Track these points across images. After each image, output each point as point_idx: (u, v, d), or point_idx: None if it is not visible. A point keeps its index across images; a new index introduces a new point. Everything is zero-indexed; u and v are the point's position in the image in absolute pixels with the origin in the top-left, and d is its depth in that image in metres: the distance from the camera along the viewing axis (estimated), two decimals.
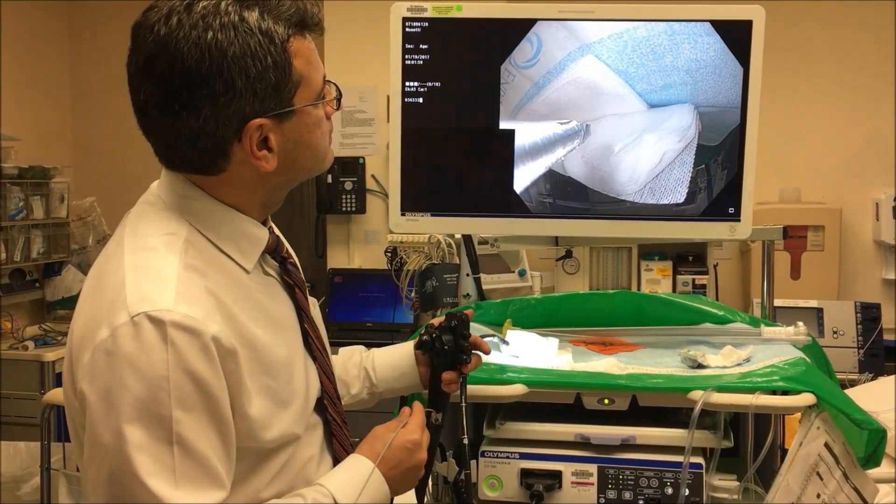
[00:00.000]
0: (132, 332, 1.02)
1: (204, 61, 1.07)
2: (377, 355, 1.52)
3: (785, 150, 3.94)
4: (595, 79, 1.75)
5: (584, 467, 1.56)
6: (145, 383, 1.01)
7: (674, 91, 1.76)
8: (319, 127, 1.19)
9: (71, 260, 4.37)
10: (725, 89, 1.76)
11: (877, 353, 3.42)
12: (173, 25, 1.08)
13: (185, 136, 1.10)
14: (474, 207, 1.84)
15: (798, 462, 1.44)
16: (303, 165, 1.20)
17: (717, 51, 1.75)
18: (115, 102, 4.69)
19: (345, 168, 4.12)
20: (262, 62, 1.09)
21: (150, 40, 1.09)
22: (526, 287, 3.14)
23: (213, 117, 1.09)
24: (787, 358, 1.62)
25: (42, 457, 2.82)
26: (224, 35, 1.07)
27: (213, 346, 1.04)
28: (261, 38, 1.09)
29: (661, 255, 3.46)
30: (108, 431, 1.01)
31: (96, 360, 1.03)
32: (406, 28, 1.80)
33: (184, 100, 1.08)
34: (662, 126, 1.76)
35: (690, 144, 1.76)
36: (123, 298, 1.04)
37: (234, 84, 1.08)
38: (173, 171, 1.17)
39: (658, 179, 1.78)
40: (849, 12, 3.93)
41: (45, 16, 4.58)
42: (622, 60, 1.75)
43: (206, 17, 1.08)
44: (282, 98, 1.13)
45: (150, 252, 1.10)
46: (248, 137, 1.12)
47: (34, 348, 3.92)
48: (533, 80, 1.78)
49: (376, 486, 1.21)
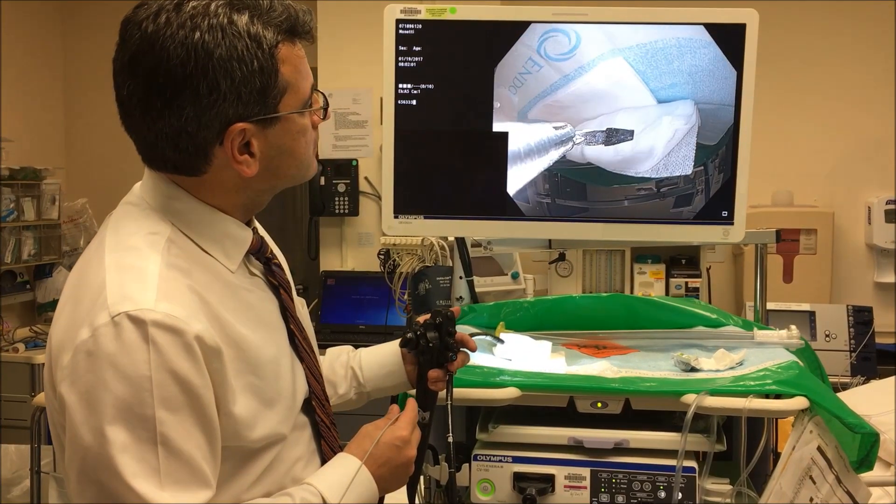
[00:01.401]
0: (113, 333, 1.01)
1: (189, 61, 1.06)
2: (364, 355, 1.50)
3: (778, 153, 3.95)
4: (620, 77, 1.81)
5: (577, 471, 1.56)
6: (127, 383, 1.00)
7: (678, 89, 1.80)
8: (304, 135, 1.19)
9: (62, 262, 4.34)
10: (720, 88, 1.78)
11: (869, 356, 3.42)
12: (161, 23, 1.07)
13: (167, 135, 1.10)
14: (468, 210, 1.84)
15: (791, 466, 1.44)
16: (286, 173, 1.19)
17: (713, 55, 1.76)
18: (107, 104, 4.62)
19: (338, 170, 4.11)
20: (248, 66, 1.09)
21: (138, 37, 1.08)
22: (519, 290, 3.13)
23: (195, 118, 1.08)
24: (780, 361, 1.62)
25: (32, 460, 2.80)
26: (211, 36, 1.07)
27: (196, 344, 1.03)
28: (248, 41, 1.09)
29: (654, 258, 3.46)
30: (90, 432, 1.00)
31: (77, 362, 1.02)
32: (399, 30, 1.80)
33: (167, 98, 1.08)
34: (672, 113, 1.82)
35: (693, 128, 1.80)
36: (104, 298, 1.03)
37: (218, 86, 1.07)
38: (155, 170, 1.16)
39: (671, 155, 1.81)
40: (842, 17, 3.95)
41: (37, 17, 4.57)
42: (643, 63, 1.80)
43: (194, 18, 1.07)
44: (266, 104, 1.12)
45: (132, 251, 1.09)
46: (230, 141, 1.11)
47: (24, 350, 3.90)
48: (563, 73, 1.81)
49: (365, 483, 1.20)
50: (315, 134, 1.22)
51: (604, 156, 1.83)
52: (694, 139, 1.80)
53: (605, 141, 1.80)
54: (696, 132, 1.80)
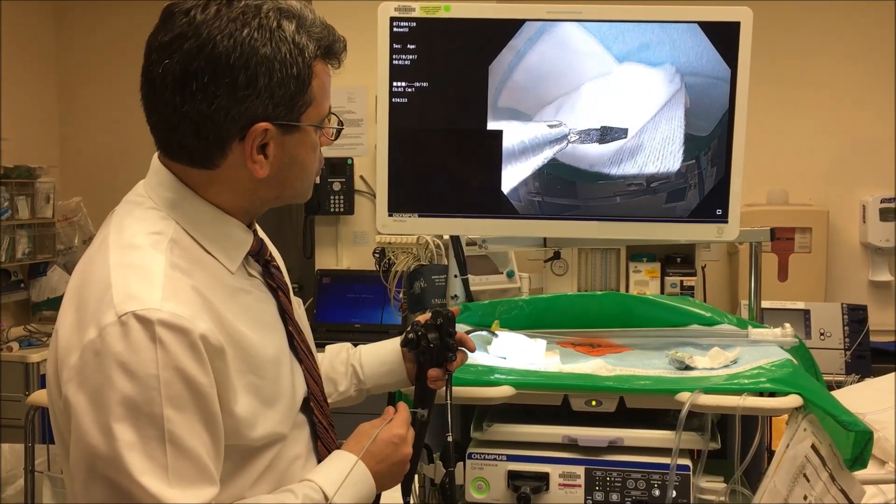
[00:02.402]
0: (120, 332, 1.02)
1: (234, 51, 1.09)
2: (364, 352, 1.53)
3: (772, 152, 3.95)
4: (576, 45, 1.78)
5: (571, 469, 1.56)
6: (135, 382, 1.01)
7: (651, 52, 1.77)
8: (314, 151, 1.22)
9: (56, 260, 4.34)
10: (709, 63, 1.76)
11: (863, 354, 3.43)
12: (211, 14, 1.10)
13: (192, 121, 1.11)
14: (462, 208, 1.84)
15: (785, 464, 1.44)
16: (291, 184, 1.22)
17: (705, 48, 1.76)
18: (102, 102, 4.67)
19: (333, 169, 4.11)
20: (288, 70, 1.12)
21: (184, 22, 1.10)
22: (514, 288, 3.13)
23: (225, 108, 1.10)
24: (775, 360, 1.63)
25: (26, 459, 2.80)
26: (260, 35, 1.10)
27: (201, 344, 1.04)
28: (292, 47, 1.13)
29: (649, 256, 3.47)
30: (99, 431, 1.01)
31: (85, 361, 1.03)
32: (394, 28, 1.79)
33: (203, 83, 1.09)
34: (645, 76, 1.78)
35: (679, 93, 1.77)
36: (110, 298, 1.04)
37: (256, 81, 1.10)
38: (169, 158, 1.17)
39: (659, 149, 1.79)
40: (837, 15, 3.95)
41: (31, 15, 4.55)
42: (603, 28, 1.77)
43: (245, 14, 1.11)
44: (293, 111, 1.15)
45: (136, 250, 1.10)
46: (252, 138, 1.13)
47: (19, 349, 3.89)
48: (515, 49, 1.78)
49: (363, 479, 1.21)
50: (321, 154, 1.25)
51: (590, 153, 1.81)
52: (682, 129, 1.77)
53: (599, 139, 1.80)
54: (682, 104, 1.76)
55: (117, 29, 4.45)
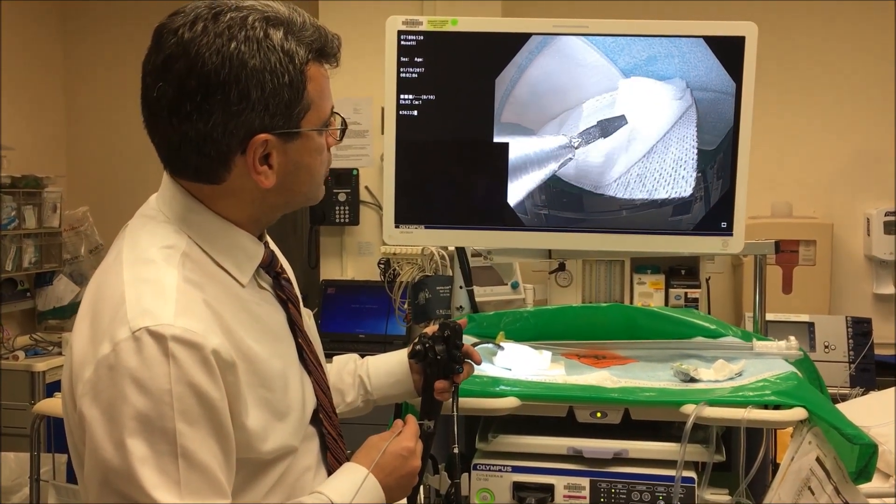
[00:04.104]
0: (134, 347, 1.02)
1: (223, 68, 1.09)
2: (372, 363, 1.53)
3: (777, 164, 3.96)
4: (580, 58, 1.79)
5: (576, 481, 1.56)
6: (148, 397, 1.01)
7: (659, 65, 1.78)
8: (320, 154, 1.22)
9: (63, 270, 4.34)
10: (716, 78, 1.77)
11: (868, 367, 3.42)
12: (198, 31, 1.10)
13: (191, 139, 1.11)
14: (468, 220, 1.85)
15: (790, 476, 1.44)
16: (300, 189, 1.22)
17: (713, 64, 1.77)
18: (108, 113, 4.69)
19: (338, 179, 4.12)
20: (280, 79, 1.12)
21: (173, 42, 1.10)
22: (519, 299, 3.14)
23: (222, 124, 1.10)
24: (779, 372, 1.63)
25: (32, 467, 2.81)
26: (247, 47, 1.10)
27: (213, 358, 1.05)
28: (281, 55, 1.12)
29: (653, 268, 3.47)
30: (112, 445, 1.01)
31: (99, 376, 1.03)
32: (401, 41, 1.81)
33: (197, 102, 1.09)
34: (654, 91, 1.78)
35: (691, 109, 1.77)
36: (124, 313, 1.05)
37: (248, 95, 1.10)
38: (176, 176, 1.18)
39: (666, 139, 1.79)
40: (840, 28, 3.96)
41: (38, 25, 4.58)
42: (607, 42, 1.78)
43: (231, 28, 1.10)
44: (291, 118, 1.15)
45: (149, 265, 1.11)
46: (252, 151, 1.13)
47: (24, 358, 3.89)
48: (517, 64, 1.79)
49: (372, 491, 1.22)
50: (329, 156, 1.25)
51: (591, 174, 1.81)
52: (695, 150, 1.79)
53: (601, 135, 1.80)
54: (694, 122, 1.77)
55: (124, 38, 4.46)
